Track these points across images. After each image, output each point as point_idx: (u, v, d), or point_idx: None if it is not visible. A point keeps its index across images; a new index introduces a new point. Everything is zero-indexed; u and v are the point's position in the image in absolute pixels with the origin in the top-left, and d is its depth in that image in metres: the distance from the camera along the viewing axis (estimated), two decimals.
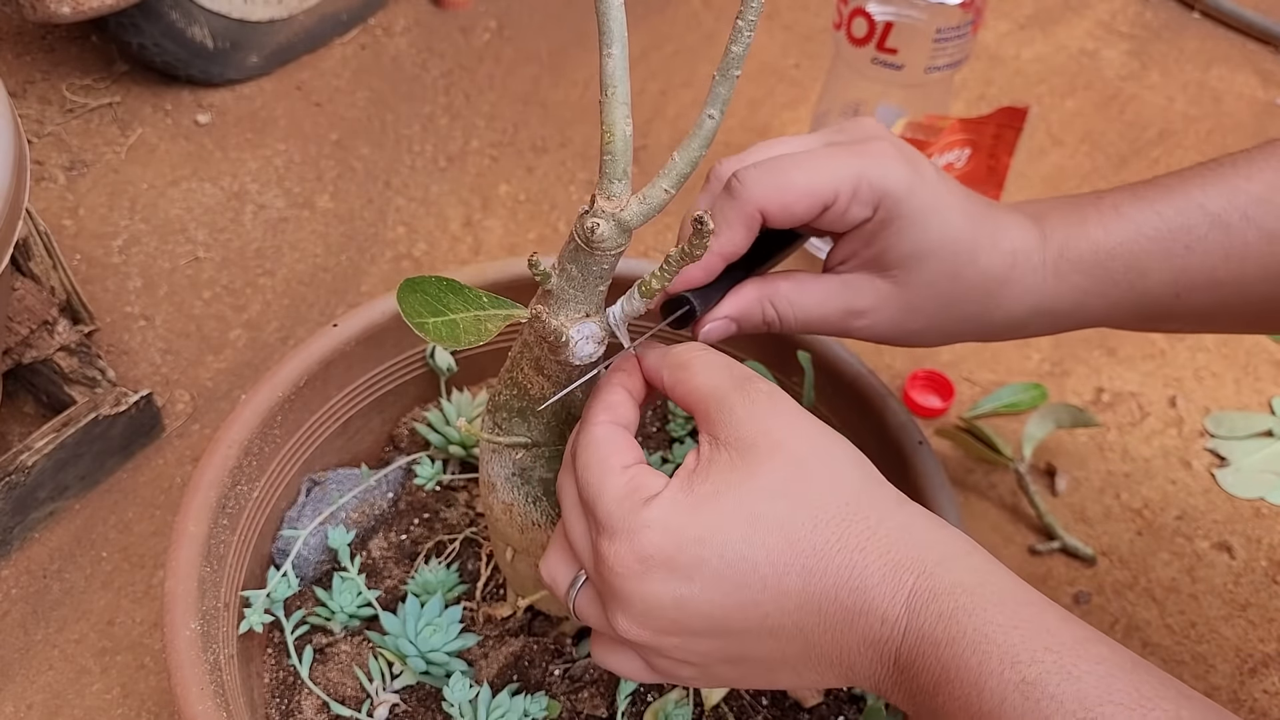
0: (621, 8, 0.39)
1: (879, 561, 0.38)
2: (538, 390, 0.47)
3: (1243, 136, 1.13)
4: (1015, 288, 0.51)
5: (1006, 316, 0.51)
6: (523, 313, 0.45)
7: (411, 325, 0.42)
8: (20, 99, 1.04)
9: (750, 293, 0.50)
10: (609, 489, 0.40)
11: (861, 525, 0.39)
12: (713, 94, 0.39)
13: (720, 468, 0.40)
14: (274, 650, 0.57)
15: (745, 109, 1.11)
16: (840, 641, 0.38)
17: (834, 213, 0.48)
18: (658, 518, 0.39)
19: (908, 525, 0.39)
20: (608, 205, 0.41)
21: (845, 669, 0.39)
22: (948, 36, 0.79)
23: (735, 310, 0.50)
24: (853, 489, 0.40)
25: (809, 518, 0.39)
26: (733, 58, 0.38)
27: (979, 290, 0.50)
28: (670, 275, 0.42)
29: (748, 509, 0.39)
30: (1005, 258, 0.50)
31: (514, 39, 1.18)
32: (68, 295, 0.78)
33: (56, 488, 0.72)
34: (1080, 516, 0.78)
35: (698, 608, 0.39)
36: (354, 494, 0.61)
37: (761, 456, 0.39)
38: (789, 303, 0.50)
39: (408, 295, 0.43)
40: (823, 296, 0.50)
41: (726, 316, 0.50)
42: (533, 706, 0.53)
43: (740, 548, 0.38)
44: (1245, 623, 0.73)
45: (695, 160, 0.40)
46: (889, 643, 0.37)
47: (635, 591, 0.39)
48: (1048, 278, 0.51)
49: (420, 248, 0.95)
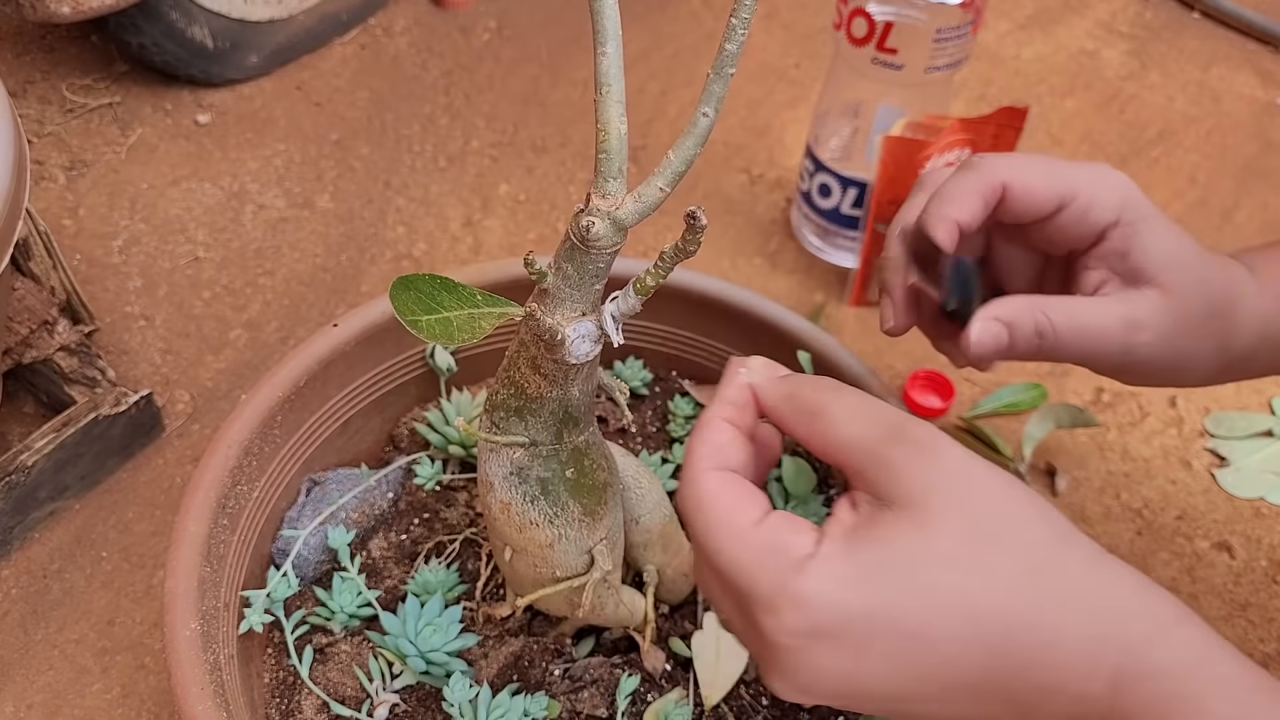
0: (615, 6, 0.39)
1: (1077, 635, 0.34)
2: (535, 389, 0.47)
3: (1243, 136, 1.13)
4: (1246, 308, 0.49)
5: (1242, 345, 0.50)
6: (517, 310, 0.45)
7: (404, 323, 0.42)
8: (20, 99, 1.04)
9: (1018, 300, 0.46)
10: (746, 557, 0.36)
11: (1055, 594, 0.34)
12: (707, 92, 0.39)
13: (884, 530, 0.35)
14: (274, 650, 0.57)
15: (745, 109, 1.11)
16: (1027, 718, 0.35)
17: (1073, 212, 0.46)
18: (818, 590, 0.34)
19: (1108, 590, 0.35)
20: (603, 204, 0.41)
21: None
22: (948, 36, 0.79)
23: (1006, 313, 0.45)
24: (1042, 550, 0.35)
25: (993, 588, 0.34)
26: (727, 55, 0.38)
27: (1223, 302, 0.48)
28: (665, 272, 0.42)
29: (923, 581, 0.34)
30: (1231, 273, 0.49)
31: (514, 39, 1.18)
32: (68, 295, 0.78)
33: (56, 488, 0.72)
34: (1080, 516, 0.78)
35: (865, 683, 0.35)
36: (354, 494, 0.61)
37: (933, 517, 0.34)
38: (1064, 311, 0.46)
39: (401, 293, 0.43)
40: (1099, 308, 0.46)
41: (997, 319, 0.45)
42: (533, 706, 0.53)
43: (915, 624, 0.34)
44: (1245, 623, 0.73)
45: (690, 158, 0.40)
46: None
47: (798, 665, 0.35)
48: (1266, 299, 0.50)
49: (420, 248, 0.95)
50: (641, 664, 0.56)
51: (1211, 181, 1.08)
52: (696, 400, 0.70)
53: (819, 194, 0.90)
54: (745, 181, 1.03)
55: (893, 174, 0.82)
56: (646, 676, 0.56)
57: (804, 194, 0.92)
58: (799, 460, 0.64)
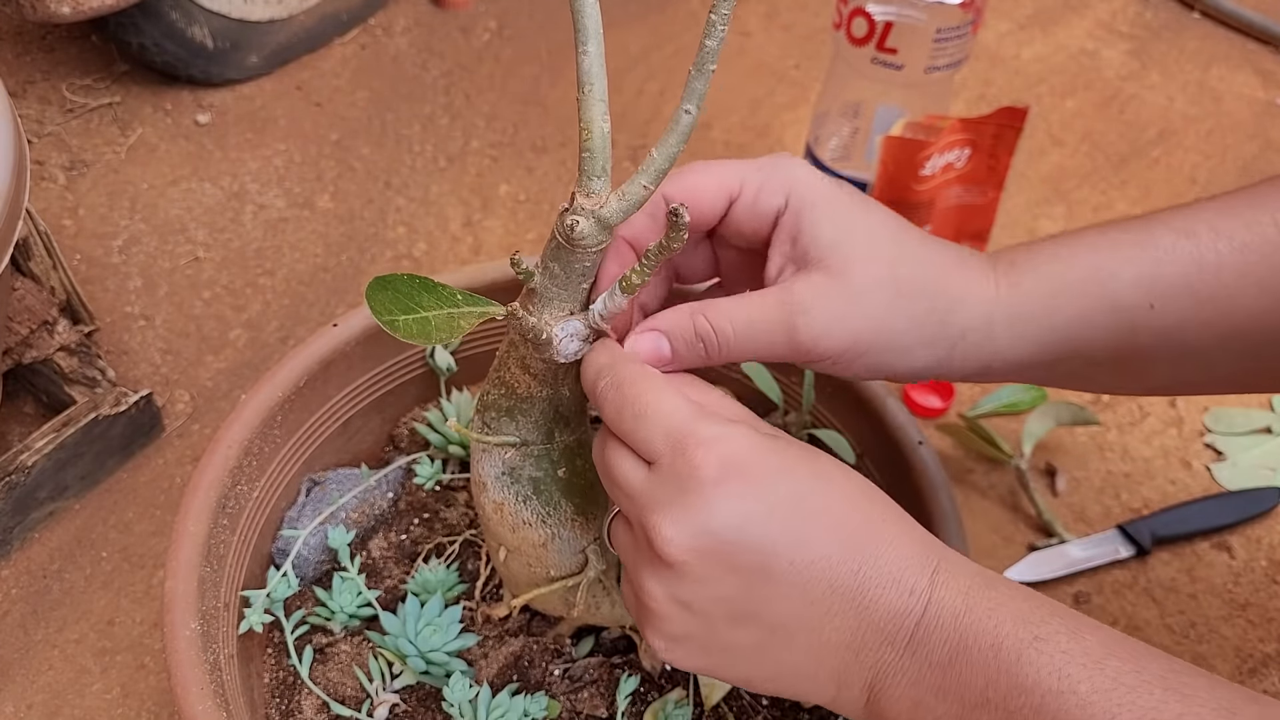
0: (596, 5, 0.39)
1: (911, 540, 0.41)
2: (525, 389, 0.47)
3: (1242, 136, 1.13)
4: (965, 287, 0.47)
5: (964, 323, 0.47)
6: (498, 310, 0.44)
7: (381, 323, 0.42)
8: (20, 99, 1.04)
9: (679, 307, 0.46)
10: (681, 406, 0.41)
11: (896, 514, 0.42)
12: (689, 89, 0.39)
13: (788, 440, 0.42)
14: (274, 650, 0.57)
15: (745, 109, 1.11)
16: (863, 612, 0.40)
17: (742, 204, 0.46)
18: (743, 434, 0.40)
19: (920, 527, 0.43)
20: (587, 202, 0.41)
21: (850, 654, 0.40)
22: (948, 36, 0.79)
23: (663, 323, 0.45)
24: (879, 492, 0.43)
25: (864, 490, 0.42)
26: (707, 52, 0.38)
27: (922, 282, 0.46)
28: (650, 270, 0.42)
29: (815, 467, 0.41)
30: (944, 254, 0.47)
31: (514, 39, 1.18)
32: (68, 295, 0.78)
33: (56, 488, 0.72)
34: (1080, 516, 0.78)
35: (754, 531, 0.39)
36: (354, 494, 0.61)
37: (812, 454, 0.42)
38: (721, 310, 0.45)
39: (377, 293, 0.43)
40: (758, 299, 0.45)
41: (655, 329, 0.45)
42: (533, 706, 0.53)
43: (810, 487, 0.40)
44: (1245, 623, 0.73)
45: (673, 155, 0.40)
46: (909, 616, 0.39)
47: (706, 497, 0.39)
48: (1000, 284, 0.47)
49: (420, 248, 0.95)
50: (641, 664, 0.56)
51: (1211, 181, 1.07)
52: None
53: None
54: None
55: (893, 174, 0.82)
56: (646, 676, 0.56)
57: None
58: None
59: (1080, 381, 0.52)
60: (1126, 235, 0.48)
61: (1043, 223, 1.01)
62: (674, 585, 0.40)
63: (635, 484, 0.41)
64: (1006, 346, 0.48)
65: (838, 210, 0.45)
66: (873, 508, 0.41)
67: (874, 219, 0.46)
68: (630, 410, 0.42)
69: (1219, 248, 0.47)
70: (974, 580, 0.40)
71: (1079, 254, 0.48)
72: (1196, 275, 0.47)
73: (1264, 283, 0.47)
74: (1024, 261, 0.48)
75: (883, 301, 0.45)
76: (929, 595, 0.39)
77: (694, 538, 0.39)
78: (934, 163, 0.82)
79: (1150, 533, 0.75)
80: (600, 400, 0.43)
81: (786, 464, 0.41)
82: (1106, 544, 0.75)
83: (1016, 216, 1.01)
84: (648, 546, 0.40)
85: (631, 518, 0.42)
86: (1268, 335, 0.48)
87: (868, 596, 0.39)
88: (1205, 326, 0.48)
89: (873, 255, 0.45)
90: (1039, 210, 1.03)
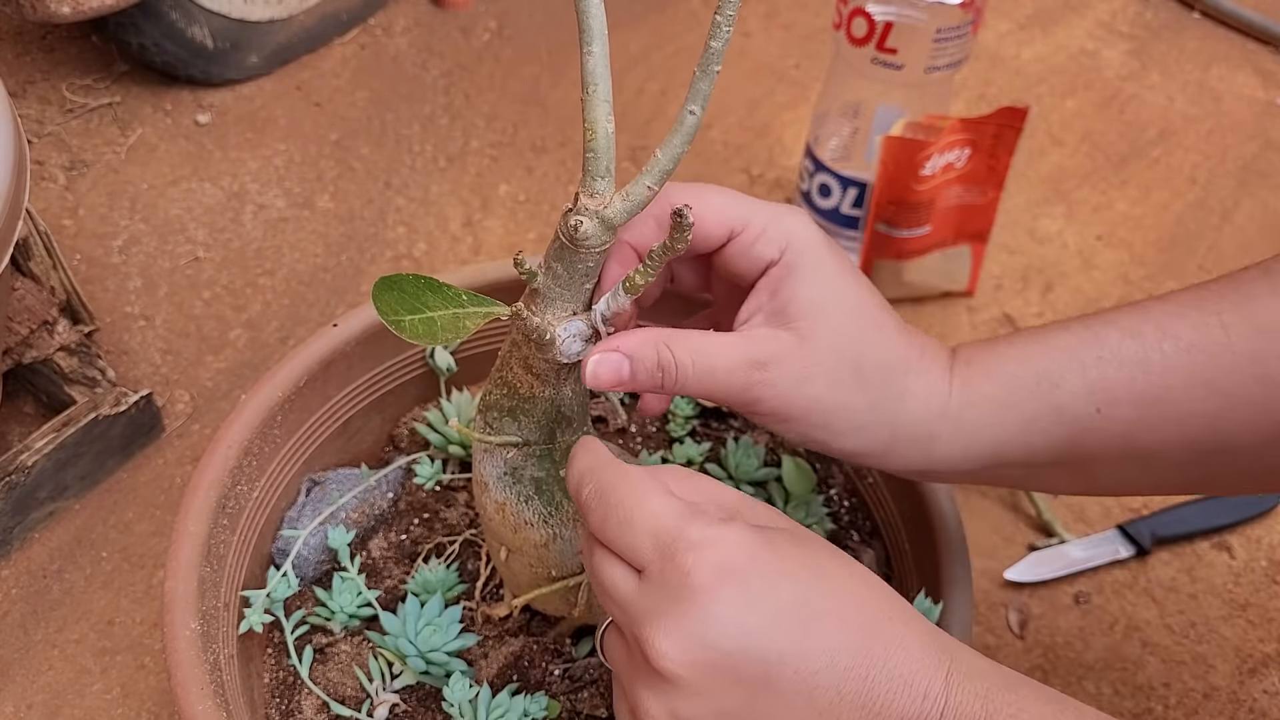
0: (600, 6, 0.39)
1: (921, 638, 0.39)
2: (527, 389, 0.47)
3: (1242, 136, 1.13)
4: (920, 381, 0.47)
5: (912, 417, 0.47)
6: (503, 310, 0.45)
7: (387, 323, 0.42)
8: (20, 99, 1.04)
9: (647, 333, 0.45)
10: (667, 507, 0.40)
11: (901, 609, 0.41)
12: (693, 90, 0.39)
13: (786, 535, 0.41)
14: (274, 650, 0.57)
15: (745, 109, 1.11)
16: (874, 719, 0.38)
17: (740, 243, 0.46)
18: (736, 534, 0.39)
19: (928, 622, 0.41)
20: (591, 203, 0.41)
21: None
22: (948, 36, 0.79)
23: (629, 345, 0.45)
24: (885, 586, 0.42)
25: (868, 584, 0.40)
26: (712, 53, 0.38)
27: (882, 367, 0.47)
28: (653, 270, 0.42)
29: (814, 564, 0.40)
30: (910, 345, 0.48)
31: (514, 39, 1.18)
32: (68, 295, 0.78)
33: (56, 488, 0.72)
34: (1080, 516, 0.78)
35: (756, 642, 0.38)
36: (354, 494, 0.61)
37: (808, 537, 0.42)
38: (687, 345, 0.45)
39: (383, 293, 0.43)
40: (725, 343, 0.45)
41: (618, 350, 0.45)
42: (533, 706, 0.53)
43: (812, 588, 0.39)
44: (1245, 623, 0.73)
45: (677, 156, 0.40)
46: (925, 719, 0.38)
47: (700, 605, 0.37)
48: (954, 382, 0.48)
49: (420, 248, 0.95)
50: None
51: (1211, 181, 1.08)
52: (697, 400, 0.70)
53: (819, 194, 0.90)
54: (745, 181, 1.03)
55: (893, 174, 0.82)
56: None
57: (804, 194, 0.92)
58: (799, 460, 0.64)
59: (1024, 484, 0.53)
60: (1077, 336, 0.48)
61: (1043, 222, 1.01)
62: (672, 699, 0.38)
63: (626, 594, 0.40)
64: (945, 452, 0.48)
65: (825, 276, 0.46)
66: (878, 604, 0.40)
67: (859, 294, 0.47)
68: (615, 517, 0.40)
69: (1164, 348, 0.46)
70: (992, 682, 0.38)
71: (1033, 355, 0.48)
72: (1143, 377, 0.46)
73: (1212, 384, 0.45)
74: (980, 360, 0.48)
75: (842, 378, 0.46)
76: (944, 700, 0.38)
77: (691, 651, 0.38)
78: (934, 163, 0.82)
79: (1150, 533, 0.75)
80: (585, 510, 0.42)
81: (785, 566, 0.39)
82: (1106, 544, 0.75)
83: (1016, 216, 1.01)
84: (642, 660, 0.39)
85: (624, 629, 0.41)
86: (1218, 441, 0.46)
87: (878, 702, 0.38)
88: (1151, 432, 0.47)
89: (845, 330, 0.46)
90: (1039, 210, 1.03)
